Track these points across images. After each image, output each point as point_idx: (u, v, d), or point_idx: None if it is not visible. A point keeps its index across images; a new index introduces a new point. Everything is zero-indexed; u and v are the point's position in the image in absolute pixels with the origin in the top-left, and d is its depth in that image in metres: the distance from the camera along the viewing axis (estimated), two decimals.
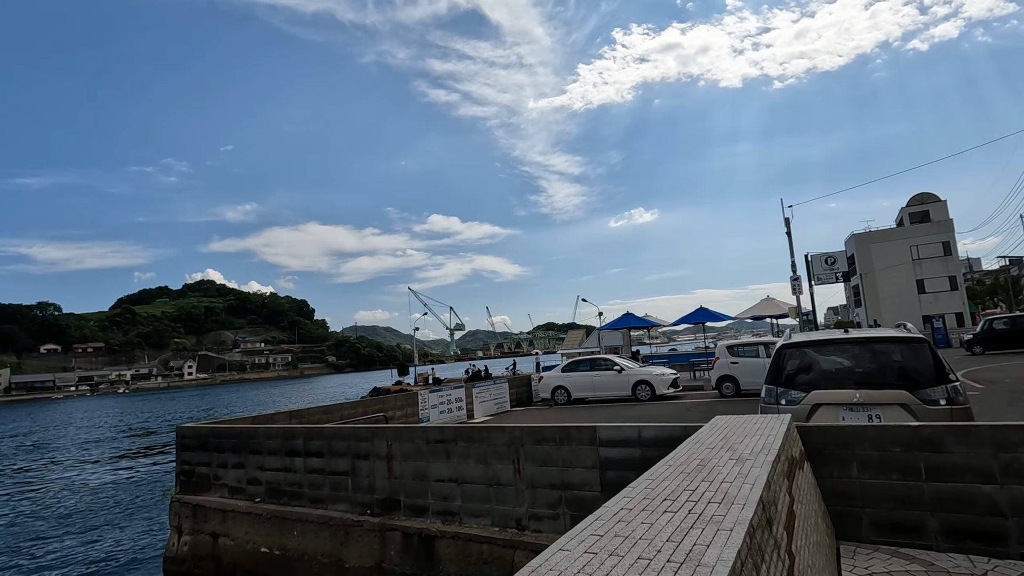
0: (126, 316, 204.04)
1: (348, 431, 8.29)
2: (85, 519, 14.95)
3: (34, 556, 12.08)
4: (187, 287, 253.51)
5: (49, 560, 11.75)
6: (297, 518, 8.37)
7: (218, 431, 9.95)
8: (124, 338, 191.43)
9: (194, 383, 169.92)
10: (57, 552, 12.23)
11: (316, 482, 8.47)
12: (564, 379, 19.34)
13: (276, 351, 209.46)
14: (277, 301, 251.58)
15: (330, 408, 13.66)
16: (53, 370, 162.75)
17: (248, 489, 9.31)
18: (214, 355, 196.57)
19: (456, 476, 7.19)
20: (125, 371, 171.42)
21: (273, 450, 9.04)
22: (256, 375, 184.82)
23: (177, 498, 10.17)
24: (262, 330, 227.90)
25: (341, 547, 7.87)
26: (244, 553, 8.95)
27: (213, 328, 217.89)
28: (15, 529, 14.43)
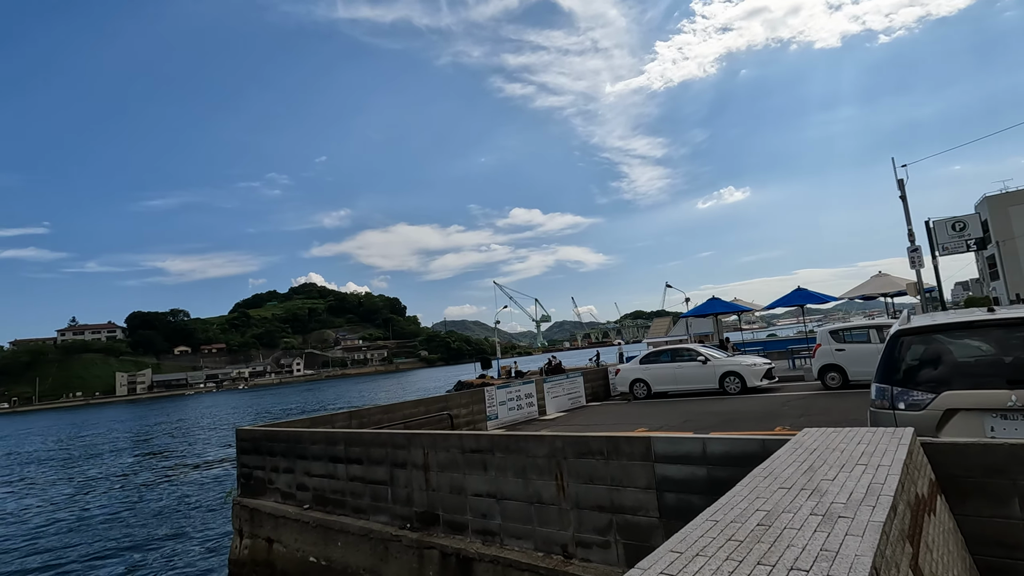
0: (242, 319, 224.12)
1: (385, 437, 7.68)
2: (170, 515, 15.82)
3: (118, 547, 12.82)
4: (292, 290, 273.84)
5: (129, 552, 12.39)
6: (340, 528, 7.91)
7: (270, 434, 9.79)
8: (241, 339, 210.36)
9: (302, 379, 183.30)
10: (136, 545, 12.90)
11: (357, 491, 7.96)
12: (643, 371, 17.89)
13: (373, 347, 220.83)
14: (372, 300, 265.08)
15: (391, 408, 13.31)
16: (185, 369, 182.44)
17: (297, 495, 9.03)
18: (318, 352, 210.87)
19: (494, 491, 6.31)
20: (244, 369, 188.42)
21: (317, 455, 8.67)
22: (356, 370, 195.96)
23: (238, 500, 10.17)
24: (359, 328, 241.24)
25: (381, 563, 7.28)
26: (294, 561, 8.67)
27: (316, 327, 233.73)
28: (118, 517, 15.57)
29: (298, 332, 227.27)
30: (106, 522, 15.46)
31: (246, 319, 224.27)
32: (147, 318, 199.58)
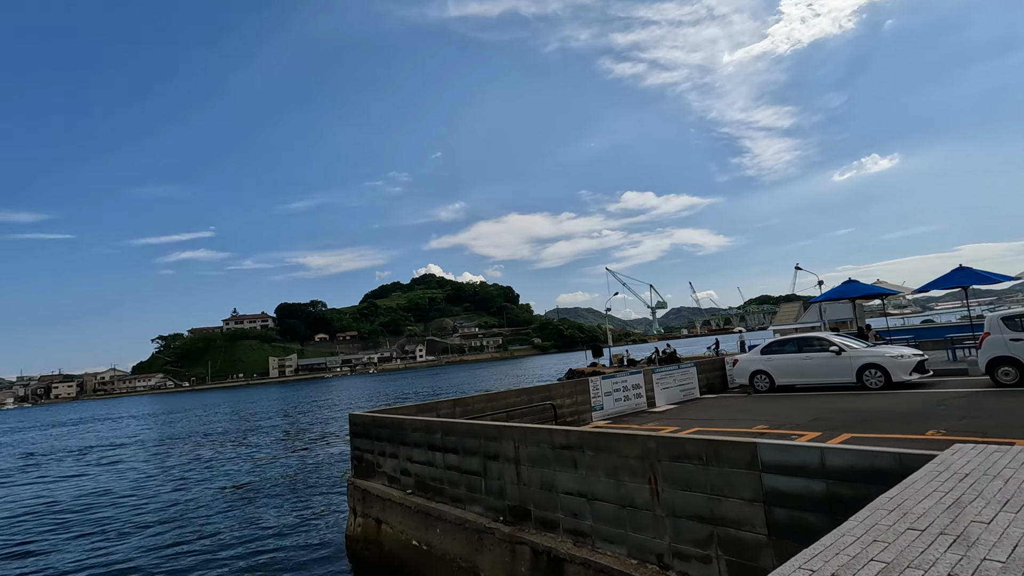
0: (371, 309, 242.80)
1: (478, 428, 7.64)
2: (299, 489, 17.38)
3: (253, 513, 14.31)
4: (414, 281, 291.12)
5: (251, 523, 13.74)
6: (438, 515, 8.05)
7: (377, 420, 10.26)
8: (370, 327, 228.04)
9: (424, 364, 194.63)
10: (267, 514, 14.30)
11: (454, 480, 8.04)
12: (765, 362, 16.35)
13: (488, 335, 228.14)
14: (486, 289, 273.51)
15: (494, 396, 13.40)
16: (324, 355, 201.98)
17: (401, 479, 9.37)
18: (438, 339, 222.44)
19: (584, 490, 5.98)
20: (373, 355, 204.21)
21: (418, 443, 8.91)
22: (473, 357, 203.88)
23: (351, 481, 10.82)
24: (475, 316, 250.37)
25: (476, 553, 7.29)
26: (399, 543, 9.02)
27: (436, 316, 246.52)
28: (246, 488, 17.47)
29: (420, 320, 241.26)
30: (247, 494, 17.40)
31: (374, 309, 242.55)
32: (292, 309, 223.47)
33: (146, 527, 14.48)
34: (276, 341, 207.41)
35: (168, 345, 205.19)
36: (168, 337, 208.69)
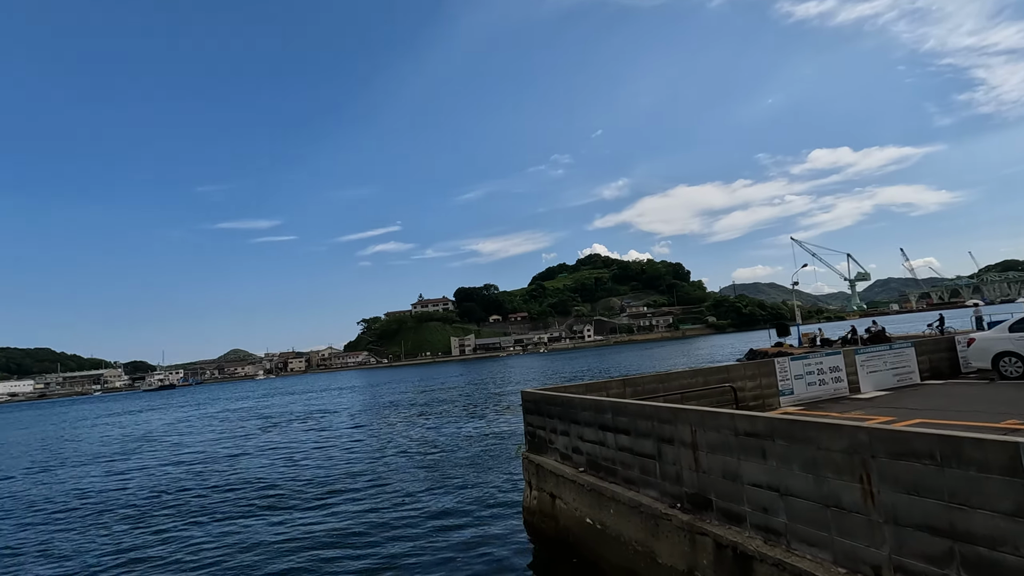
0: (539, 290, 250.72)
1: (650, 410, 7.28)
2: (478, 459, 18.53)
3: (437, 480, 15.60)
4: (580, 262, 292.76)
5: (436, 486, 14.91)
6: (611, 496, 7.91)
7: (548, 398, 10.42)
8: (539, 308, 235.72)
9: (592, 344, 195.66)
10: (449, 480, 15.46)
11: (626, 461, 7.81)
12: (1015, 341, 13.15)
13: (658, 314, 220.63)
14: (654, 266, 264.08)
15: (666, 376, 12.77)
16: (498, 335, 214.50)
17: (573, 457, 9.40)
18: (606, 319, 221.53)
19: (776, 484, 5.32)
20: (543, 335, 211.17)
21: (588, 422, 8.83)
22: (642, 336, 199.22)
23: (526, 455, 11.20)
24: (643, 295, 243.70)
25: (652, 538, 6.99)
26: (573, 519, 9.09)
27: (603, 296, 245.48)
28: (422, 457, 19.10)
29: (587, 300, 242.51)
30: (430, 462, 19.14)
31: (542, 290, 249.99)
32: (468, 292, 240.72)
33: (349, 489, 16.76)
34: (456, 322, 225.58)
35: (369, 327, 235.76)
36: (369, 320, 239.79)
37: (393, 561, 10.10)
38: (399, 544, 10.96)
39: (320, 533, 12.15)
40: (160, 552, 11.93)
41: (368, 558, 10.43)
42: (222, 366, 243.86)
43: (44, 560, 12.20)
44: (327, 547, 11.21)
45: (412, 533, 11.57)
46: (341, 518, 13.18)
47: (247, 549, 11.54)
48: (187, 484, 19.23)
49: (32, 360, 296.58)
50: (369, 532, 11.89)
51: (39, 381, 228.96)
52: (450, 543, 10.74)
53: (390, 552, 10.59)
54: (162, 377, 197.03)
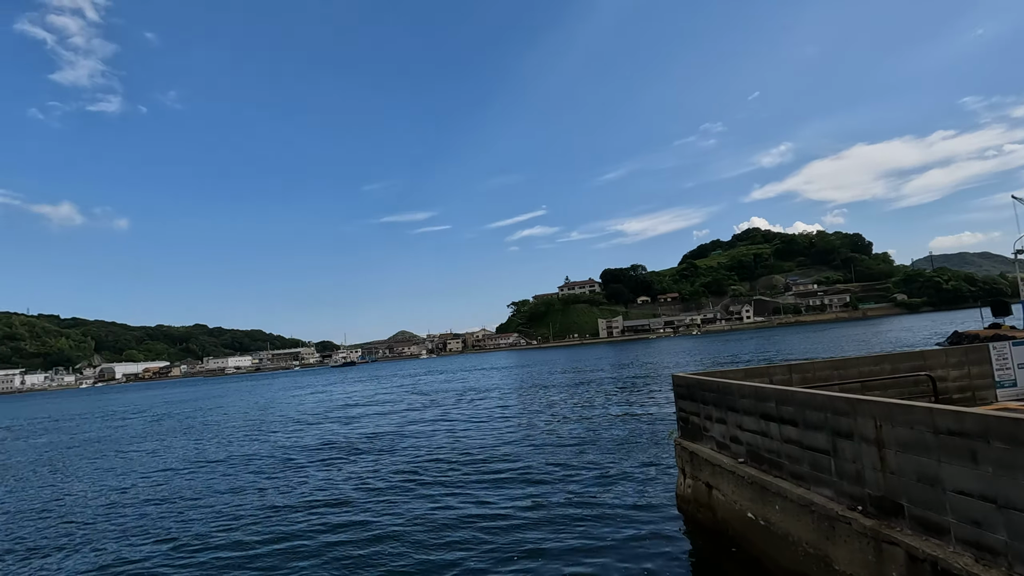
0: (690, 269, 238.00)
1: (822, 400, 6.52)
2: (625, 442, 18.16)
3: (578, 461, 15.58)
4: (735, 237, 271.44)
5: (587, 467, 14.84)
6: (776, 491, 7.28)
7: (702, 383, 9.87)
8: (691, 288, 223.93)
9: (752, 326, 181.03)
10: (592, 464, 15.33)
11: (794, 455, 7.11)
12: None
13: (831, 292, 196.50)
14: (826, 239, 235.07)
15: (843, 363, 11.34)
16: (646, 317, 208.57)
17: (731, 447, 8.82)
18: (767, 299, 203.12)
19: (992, 494, 4.45)
20: (695, 316, 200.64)
21: (748, 410, 8.19)
22: (812, 317, 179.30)
23: (678, 442, 10.77)
24: (812, 271, 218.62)
25: (827, 542, 6.31)
26: (732, 512, 8.55)
27: (763, 273, 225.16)
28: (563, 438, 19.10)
29: (744, 279, 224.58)
30: (579, 442, 19.26)
31: (694, 269, 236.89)
32: (615, 274, 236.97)
33: (503, 461, 17.57)
34: (603, 304, 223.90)
35: (519, 309, 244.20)
36: (518, 303, 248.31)
37: (543, 540, 10.41)
38: (549, 525, 11.27)
39: (472, 511, 12.99)
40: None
41: (518, 538, 10.90)
42: (391, 346, 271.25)
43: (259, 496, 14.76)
44: (476, 527, 11.94)
45: (563, 513, 11.83)
46: (494, 497, 13.94)
47: (392, 528, 12.77)
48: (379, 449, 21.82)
49: (250, 339, 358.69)
50: (518, 513, 12.41)
51: (255, 357, 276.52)
52: (602, 526, 10.77)
53: (540, 532, 10.95)
54: (344, 355, 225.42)
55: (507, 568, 9.23)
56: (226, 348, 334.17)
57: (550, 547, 9.96)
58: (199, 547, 11.71)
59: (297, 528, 12.35)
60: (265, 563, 10.49)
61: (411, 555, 10.20)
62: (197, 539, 12.23)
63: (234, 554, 11.14)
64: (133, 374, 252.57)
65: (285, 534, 12.01)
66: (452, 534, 11.09)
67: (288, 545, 11.31)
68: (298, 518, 13.11)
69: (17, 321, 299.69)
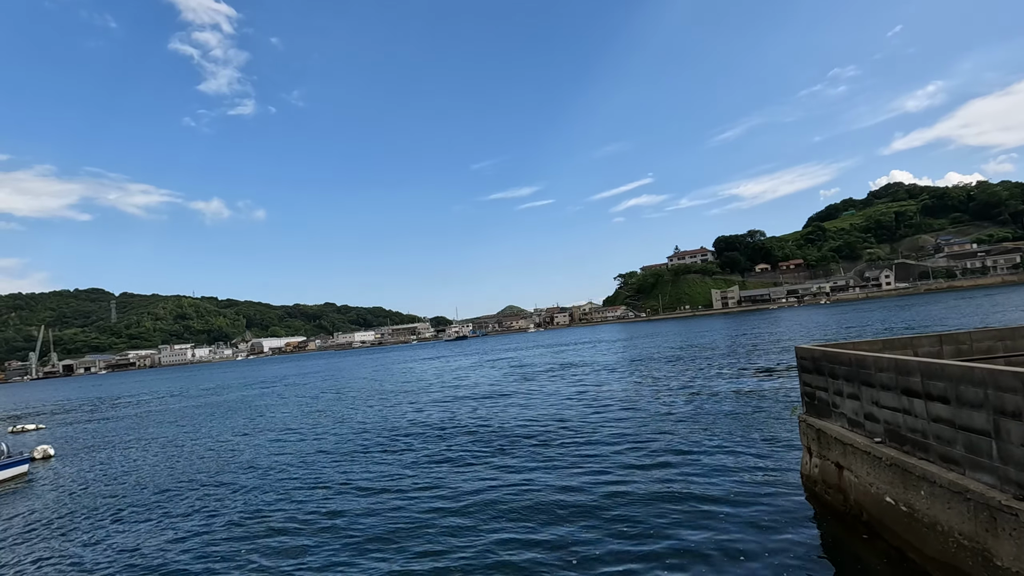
0: (817, 233, 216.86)
1: (982, 375, 5.66)
2: (741, 418, 17.10)
3: (697, 439, 14.90)
4: (872, 195, 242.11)
5: (705, 442, 14.16)
6: (922, 475, 6.51)
7: (830, 355, 9.02)
8: (818, 253, 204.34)
9: (893, 293, 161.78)
10: (712, 441, 14.59)
11: (944, 435, 6.29)
12: None
13: (995, 251, 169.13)
14: (989, 190, 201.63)
15: (1008, 332, 9.77)
16: (767, 286, 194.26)
17: (866, 425, 8.00)
18: (912, 263, 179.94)
19: None
20: (824, 284, 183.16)
21: (886, 385, 7.36)
22: (969, 282, 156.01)
23: (803, 418, 9.99)
24: (971, 228, 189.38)
25: (986, 534, 5.56)
26: (868, 495, 7.81)
27: (907, 234, 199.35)
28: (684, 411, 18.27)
29: (884, 241, 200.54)
30: (684, 418, 18.52)
31: (821, 232, 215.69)
32: (729, 241, 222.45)
33: (618, 438, 17.43)
34: (716, 274, 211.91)
35: (626, 281, 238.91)
36: (626, 275, 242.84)
37: (663, 514, 10.23)
38: (664, 499, 11.05)
39: (588, 482, 13.08)
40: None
41: (634, 509, 10.82)
42: (500, 320, 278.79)
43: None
44: (592, 498, 12.01)
45: (682, 491, 11.53)
46: (605, 469, 13.94)
47: (512, 493, 13.15)
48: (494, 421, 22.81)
49: (372, 316, 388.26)
50: (631, 485, 12.30)
51: (377, 332, 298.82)
52: (723, 506, 10.35)
53: (654, 507, 10.77)
54: (457, 330, 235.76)
55: (640, 547, 9.14)
56: (352, 324, 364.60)
57: (666, 518, 9.79)
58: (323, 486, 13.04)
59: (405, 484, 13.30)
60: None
61: (533, 528, 10.55)
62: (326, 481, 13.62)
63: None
64: (277, 348, 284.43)
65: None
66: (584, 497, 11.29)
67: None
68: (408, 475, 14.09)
69: (186, 303, 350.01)
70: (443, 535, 10.25)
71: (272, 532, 11.43)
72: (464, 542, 9.83)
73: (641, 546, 8.93)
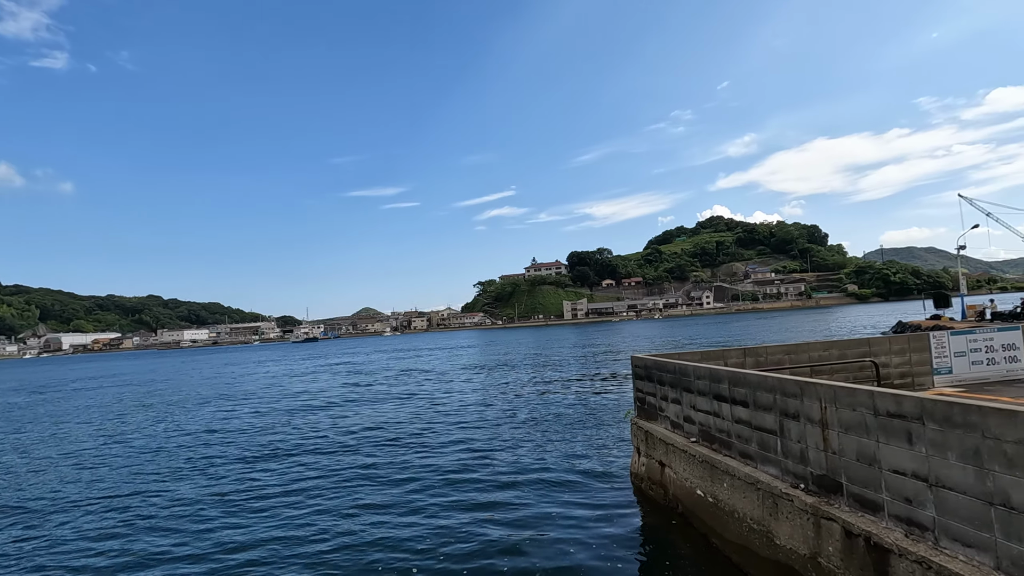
0: (655, 255, 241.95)
1: (772, 382, 6.69)
2: (583, 421, 18.49)
3: (540, 439, 15.81)
4: (699, 224, 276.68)
5: (545, 444, 15.07)
6: (725, 469, 7.49)
7: (659, 364, 10.03)
8: (655, 273, 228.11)
9: (712, 311, 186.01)
10: (552, 441, 15.58)
11: (743, 434, 7.31)
12: None
13: (787, 280, 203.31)
14: (785, 229, 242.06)
15: (795, 348, 11.71)
16: (611, 300, 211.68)
17: (685, 426, 9.02)
18: (727, 286, 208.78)
19: (925, 473, 4.66)
20: (659, 300, 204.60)
21: (702, 391, 8.37)
22: (768, 305, 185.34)
23: (635, 421, 10.96)
24: (771, 260, 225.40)
25: (770, 518, 6.54)
26: (683, 490, 8.78)
27: (725, 260, 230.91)
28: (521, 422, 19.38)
29: (707, 266, 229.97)
30: (539, 419, 19.50)
31: (658, 255, 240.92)
32: (581, 257, 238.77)
33: (459, 441, 17.63)
34: (568, 286, 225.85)
35: (485, 289, 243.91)
36: (485, 283, 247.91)
37: (497, 510, 10.51)
38: (502, 494, 11.37)
39: (431, 480, 12.99)
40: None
41: (473, 508, 10.96)
42: (355, 322, 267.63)
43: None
44: (433, 494, 11.96)
45: (517, 489, 11.94)
46: (451, 466, 13.97)
47: (335, 509, 12.69)
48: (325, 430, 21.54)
49: (207, 312, 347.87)
50: (474, 480, 12.48)
51: (212, 330, 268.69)
52: (557, 501, 10.92)
53: (492, 501, 11.03)
54: (307, 331, 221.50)
55: (463, 546, 9.24)
56: (183, 320, 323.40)
57: (500, 511, 10.05)
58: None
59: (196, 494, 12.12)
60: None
61: (350, 551, 10.13)
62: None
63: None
64: (81, 345, 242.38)
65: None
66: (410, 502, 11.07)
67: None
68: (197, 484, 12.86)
69: None
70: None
71: None
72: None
73: (469, 543, 9.07)
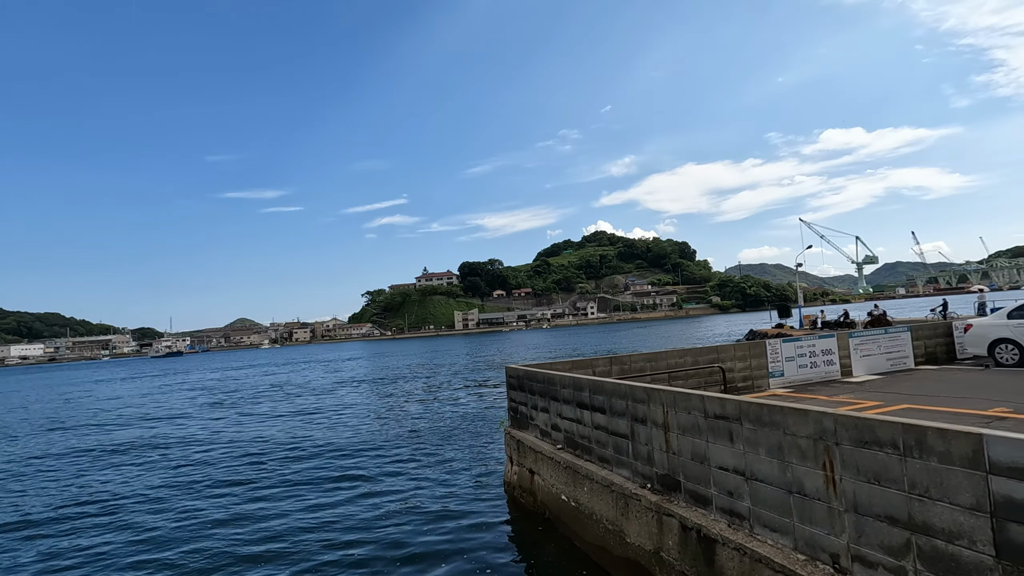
0: (543, 267, 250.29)
1: (626, 389, 7.15)
2: (460, 433, 18.61)
3: (415, 452, 15.69)
4: (585, 239, 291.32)
5: (422, 457, 14.98)
6: (586, 474, 7.84)
7: (530, 374, 10.31)
8: (543, 284, 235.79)
9: (596, 321, 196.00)
10: (430, 454, 15.53)
11: (601, 440, 7.72)
12: (1012, 329, 12.90)
13: (662, 292, 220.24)
14: (660, 245, 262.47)
15: (655, 356, 12.64)
16: (501, 310, 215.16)
17: (552, 434, 9.34)
18: (610, 297, 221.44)
19: (742, 467, 5.21)
20: (547, 311, 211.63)
21: (567, 399, 8.73)
22: (645, 315, 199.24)
23: (508, 431, 11.16)
24: (648, 273, 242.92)
25: (622, 518, 6.94)
26: (550, 495, 9.07)
27: (608, 273, 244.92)
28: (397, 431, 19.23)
29: (591, 278, 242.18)
30: (419, 432, 19.25)
31: (546, 266, 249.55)
32: (473, 267, 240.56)
33: (334, 454, 16.88)
34: (460, 297, 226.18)
35: (374, 299, 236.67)
36: (374, 292, 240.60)
37: (370, 525, 10.14)
38: (377, 510, 11.01)
39: (297, 503, 12.25)
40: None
41: (345, 520, 10.49)
42: (228, 335, 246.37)
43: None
44: (305, 518, 11.29)
45: (393, 500, 11.62)
46: (317, 492, 13.28)
47: (216, 524, 11.66)
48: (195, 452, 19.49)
49: (43, 324, 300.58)
50: (350, 500, 11.97)
51: (49, 345, 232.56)
52: (431, 512, 10.77)
53: (365, 516, 10.64)
54: (169, 344, 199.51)
55: (334, 559, 8.77)
56: (10, 334, 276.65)
57: (373, 528, 9.70)
58: None
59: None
60: None
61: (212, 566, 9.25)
62: None
63: None
64: None
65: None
66: (274, 526, 10.28)
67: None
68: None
69: None
70: None
71: None
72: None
73: (346, 554, 8.67)
